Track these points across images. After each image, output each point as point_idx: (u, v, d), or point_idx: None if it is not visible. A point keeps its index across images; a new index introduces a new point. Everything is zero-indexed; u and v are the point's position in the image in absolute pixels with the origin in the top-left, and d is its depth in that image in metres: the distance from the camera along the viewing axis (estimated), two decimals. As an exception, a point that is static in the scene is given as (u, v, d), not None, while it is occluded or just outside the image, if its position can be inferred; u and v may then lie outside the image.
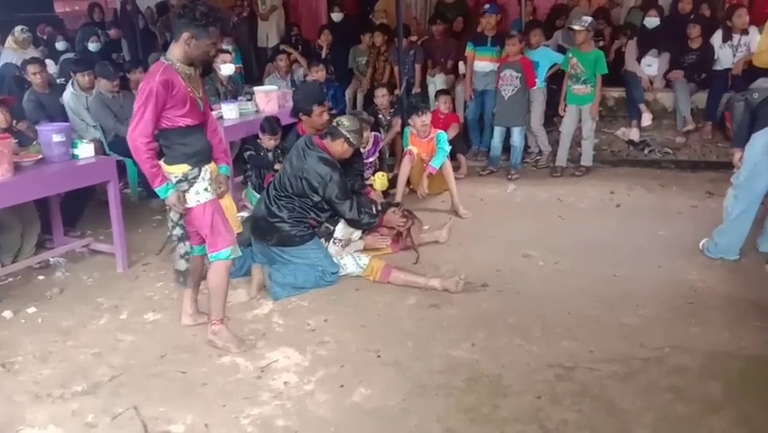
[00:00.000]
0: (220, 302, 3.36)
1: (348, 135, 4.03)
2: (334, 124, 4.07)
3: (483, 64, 6.70)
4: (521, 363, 3.09)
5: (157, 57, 3.48)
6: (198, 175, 3.19)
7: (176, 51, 3.11)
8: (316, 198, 3.98)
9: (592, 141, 6.38)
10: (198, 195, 3.20)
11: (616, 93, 7.07)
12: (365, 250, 4.37)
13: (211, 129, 3.36)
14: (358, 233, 4.30)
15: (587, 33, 6.08)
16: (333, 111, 6.01)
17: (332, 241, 4.19)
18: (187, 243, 3.38)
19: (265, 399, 2.90)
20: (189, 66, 3.14)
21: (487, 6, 6.68)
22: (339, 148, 4.05)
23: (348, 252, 4.21)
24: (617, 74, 6.75)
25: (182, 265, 3.43)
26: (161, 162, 3.17)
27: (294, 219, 3.98)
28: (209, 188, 3.22)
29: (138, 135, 3.03)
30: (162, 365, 3.21)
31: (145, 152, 3.05)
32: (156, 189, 3.17)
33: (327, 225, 4.20)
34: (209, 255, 3.27)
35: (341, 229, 4.21)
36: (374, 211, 4.26)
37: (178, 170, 3.16)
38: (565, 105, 6.31)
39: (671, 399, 2.79)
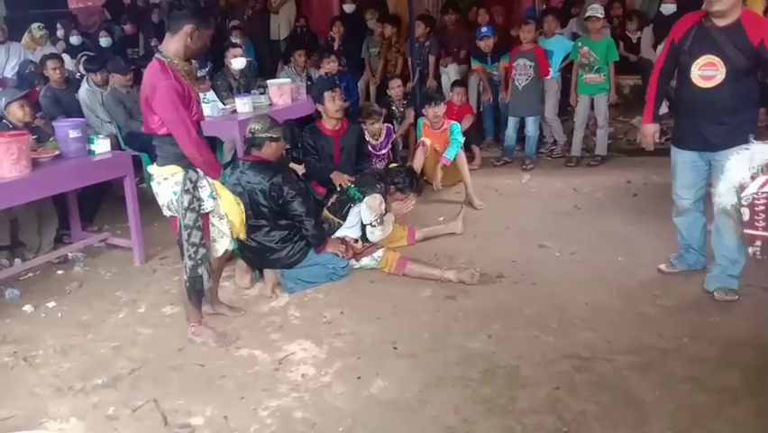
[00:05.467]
0: (192, 305, 3.31)
1: (268, 135, 3.85)
2: (249, 135, 3.90)
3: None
4: (538, 355, 3.09)
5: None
6: (197, 178, 3.09)
7: (172, 46, 2.97)
8: (278, 208, 3.86)
9: (607, 130, 6.33)
10: (205, 202, 3.14)
11: (632, 81, 6.98)
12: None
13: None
14: (383, 205, 4.23)
15: (604, 21, 6.07)
16: (347, 102, 5.99)
17: (368, 229, 4.17)
18: (203, 249, 3.11)
19: (283, 391, 2.92)
20: (186, 62, 3.03)
21: (484, 30, 6.71)
22: (270, 151, 3.88)
23: (389, 224, 4.20)
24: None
25: (202, 270, 3.11)
26: (153, 166, 3.13)
27: (284, 240, 3.88)
28: (209, 197, 3.15)
29: (193, 139, 2.97)
30: (181, 358, 3.25)
31: (204, 146, 3.03)
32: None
33: (338, 220, 4.21)
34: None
35: (364, 212, 4.18)
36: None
37: (167, 172, 3.07)
38: (576, 96, 6.25)
39: (689, 389, 2.78)
